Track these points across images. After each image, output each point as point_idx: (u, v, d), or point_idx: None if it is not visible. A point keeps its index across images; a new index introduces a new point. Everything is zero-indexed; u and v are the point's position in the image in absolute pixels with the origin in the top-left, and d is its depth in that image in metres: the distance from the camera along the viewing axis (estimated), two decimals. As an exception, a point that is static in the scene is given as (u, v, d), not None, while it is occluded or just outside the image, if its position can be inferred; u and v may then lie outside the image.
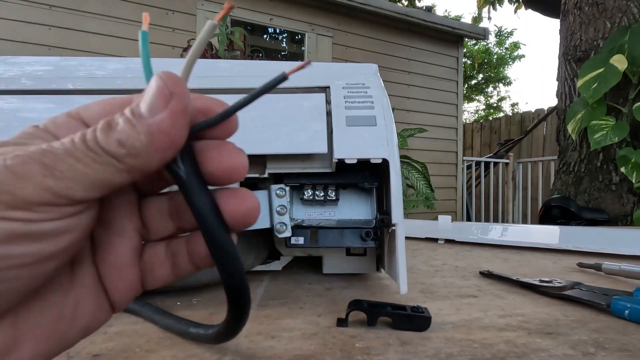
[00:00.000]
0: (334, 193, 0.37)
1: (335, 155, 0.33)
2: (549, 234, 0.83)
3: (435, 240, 0.80)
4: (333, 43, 3.17)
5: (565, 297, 0.38)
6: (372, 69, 0.39)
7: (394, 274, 0.34)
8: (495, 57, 9.69)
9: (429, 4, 5.97)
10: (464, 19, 9.28)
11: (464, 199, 3.65)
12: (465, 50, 7.42)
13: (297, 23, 3.04)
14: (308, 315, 0.33)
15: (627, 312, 0.32)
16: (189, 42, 2.20)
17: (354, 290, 0.41)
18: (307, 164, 0.36)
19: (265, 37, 3.35)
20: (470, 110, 10.79)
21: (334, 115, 0.35)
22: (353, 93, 0.36)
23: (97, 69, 0.36)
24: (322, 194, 0.37)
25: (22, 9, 2.24)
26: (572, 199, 1.87)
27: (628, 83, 1.70)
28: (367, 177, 0.37)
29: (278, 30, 3.17)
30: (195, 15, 2.70)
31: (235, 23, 2.71)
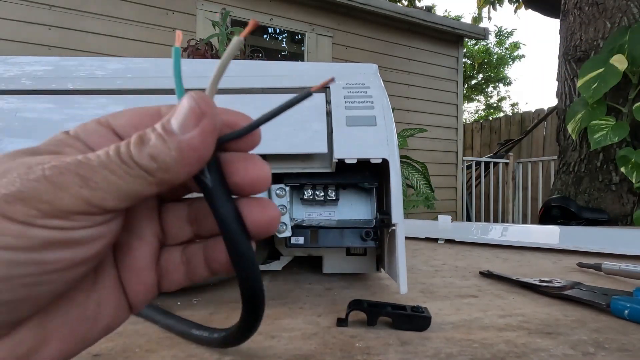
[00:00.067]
0: (334, 193, 0.37)
1: (335, 155, 0.33)
2: (549, 234, 0.83)
3: (435, 240, 0.80)
4: (333, 43, 3.17)
5: (565, 297, 0.38)
6: (372, 69, 0.39)
7: (394, 274, 0.34)
8: (495, 57, 9.69)
9: (429, 4, 5.97)
10: (464, 19, 9.29)
11: (464, 199, 3.65)
12: (465, 50, 7.42)
13: (297, 23, 3.04)
14: (308, 315, 0.33)
15: (627, 312, 0.32)
16: (189, 42, 2.20)
17: (354, 290, 0.41)
18: (307, 164, 0.36)
19: (265, 37, 3.35)
20: (470, 110, 10.80)
21: (334, 115, 0.35)
22: (353, 93, 0.36)
23: (97, 69, 0.36)
24: (322, 194, 0.37)
25: (22, 9, 2.24)
26: (572, 199, 1.87)
27: (628, 83, 1.70)
28: (367, 177, 0.37)
29: (278, 30, 3.17)
30: (195, 15, 2.70)
31: (235, 23, 2.70)
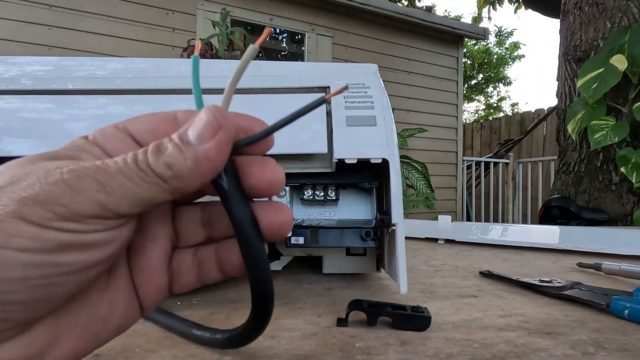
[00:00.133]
0: (334, 193, 0.37)
1: (335, 155, 0.33)
2: (549, 234, 0.83)
3: (435, 240, 0.80)
4: (333, 43, 3.17)
5: (565, 297, 0.38)
6: (372, 69, 0.39)
7: (394, 274, 0.34)
8: (495, 57, 9.69)
9: (429, 4, 5.97)
10: (464, 19, 9.29)
11: (464, 199, 3.65)
12: (465, 50, 7.42)
13: (297, 23, 3.04)
14: (308, 315, 0.33)
15: (626, 312, 0.32)
16: (189, 42, 2.20)
17: (354, 290, 0.41)
18: (307, 164, 0.36)
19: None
20: (470, 110, 10.80)
21: (334, 115, 0.35)
22: (353, 93, 0.36)
23: (97, 69, 0.36)
24: (322, 194, 0.37)
25: (22, 9, 2.24)
26: (572, 199, 1.87)
27: (628, 83, 1.70)
28: (367, 177, 0.37)
29: (278, 30, 3.17)
30: (195, 15, 2.70)
31: (235, 23, 2.70)
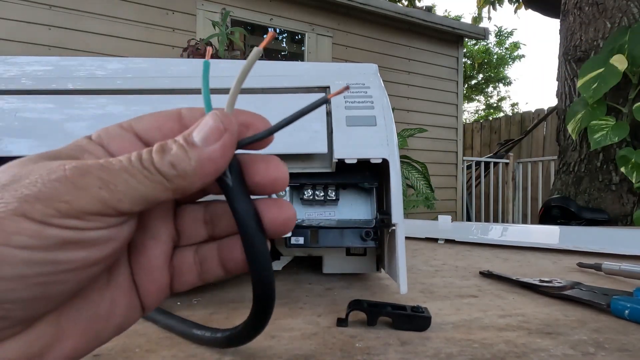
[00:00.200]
0: (334, 193, 0.37)
1: (335, 155, 0.33)
2: (549, 234, 0.83)
3: (435, 240, 0.80)
4: (333, 43, 3.17)
5: (565, 297, 0.38)
6: (372, 69, 0.39)
7: (394, 274, 0.34)
8: (495, 57, 9.69)
9: (429, 4, 5.97)
10: (464, 19, 9.28)
11: (464, 199, 3.65)
12: (465, 50, 7.42)
13: (297, 23, 3.04)
14: (308, 315, 0.33)
15: (627, 312, 0.32)
16: (189, 42, 2.20)
17: (354, 290, 0.41)
18: (307, 164, 0.36)
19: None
20: (470, 110, 10.80)
21: (334, 115, 0.35)
22: (353, 93, 0.36)
23: (97, 69, 0.36)
24: (322, 194, 0.37)
25: (22, 9, 2.24)
26: (572, 199, 1.87)
27: (628, 83, 1.70)
28: (367, 177, 0.37)
29: (278, 30, 3.17)
30: (195, 15, 2.70)
31: (235, 23, 2.71)
